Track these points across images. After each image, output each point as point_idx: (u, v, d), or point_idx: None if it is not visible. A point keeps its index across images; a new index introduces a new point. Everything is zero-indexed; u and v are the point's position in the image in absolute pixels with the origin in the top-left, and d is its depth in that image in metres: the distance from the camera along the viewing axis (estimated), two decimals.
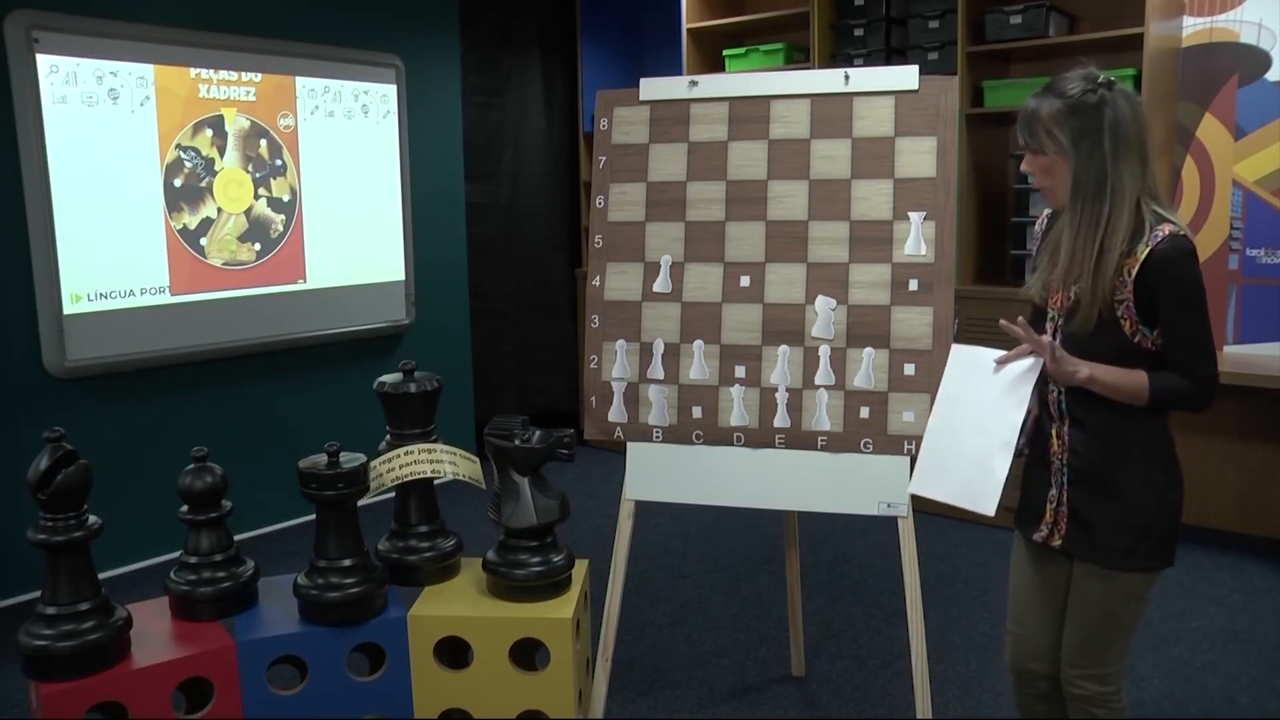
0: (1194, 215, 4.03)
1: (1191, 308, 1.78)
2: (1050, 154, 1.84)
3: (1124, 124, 1.78)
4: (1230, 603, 3.42)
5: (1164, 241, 1.76)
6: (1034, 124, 1.85)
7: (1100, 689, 1.91)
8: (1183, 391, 1.81)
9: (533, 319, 5.44)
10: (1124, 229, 1.78)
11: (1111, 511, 1.87)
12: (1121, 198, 1.78)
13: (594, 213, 2.57)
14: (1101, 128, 1.78)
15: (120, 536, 3.54)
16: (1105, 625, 1.90)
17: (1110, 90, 1.79)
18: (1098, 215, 1.79)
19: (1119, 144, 1.78)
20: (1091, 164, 1.79)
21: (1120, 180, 1.78)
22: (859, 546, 3.96)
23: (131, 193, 3.71)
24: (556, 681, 2.21)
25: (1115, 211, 1.78)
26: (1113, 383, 1.82)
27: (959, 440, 1.95)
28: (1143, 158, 1.80)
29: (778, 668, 3.02)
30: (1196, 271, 1.77)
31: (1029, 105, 1.87)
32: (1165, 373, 1.81)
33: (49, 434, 1.94)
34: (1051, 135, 1.82)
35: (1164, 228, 1.78)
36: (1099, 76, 1.81)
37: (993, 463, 1.86)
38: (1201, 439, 3.92)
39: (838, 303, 2.37)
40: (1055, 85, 1.84)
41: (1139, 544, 1.86)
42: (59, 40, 3.47)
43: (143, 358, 3.79)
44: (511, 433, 2.27)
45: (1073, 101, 1.80)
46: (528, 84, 5.27)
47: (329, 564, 2.17)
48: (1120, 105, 1.79)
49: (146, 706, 1.98)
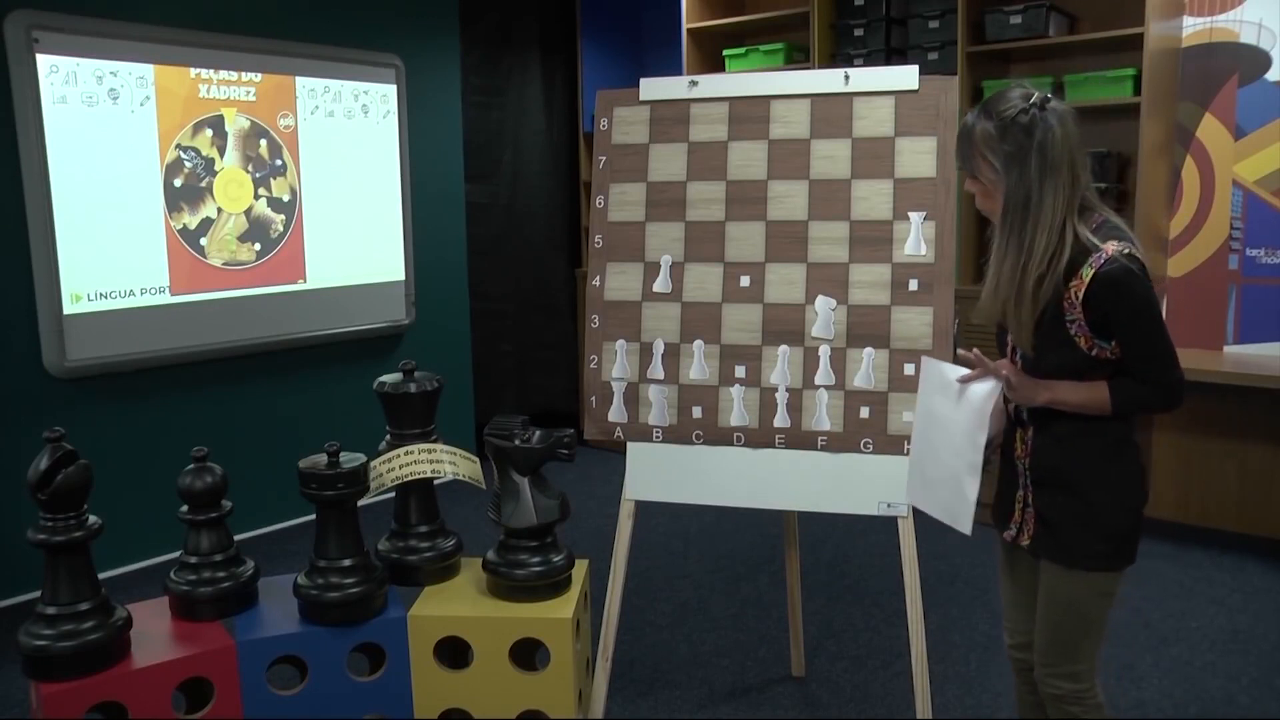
0: (1194, 215, 4.03)
1: (1145, 323, 1.77)
2: (985, 178, 1.84)
3: (1052, 145, 1.76)
4: (1230, 603, 3.42)
5: (1107, 263, 1.74)
6: (969, 147, 1.84)
7: (1073, 686, 1.92)
8: (1147, 397, 1.82)
9: (533, 319, 5.44)
10: (1042, 251, 1.77)
11: (1073, 512, 1.88)
12: (1044, 220, 1.76)
13: (594, 213, 2.57)
14: (1030, 149, 1.76)
15: (120, 536, 3.54)
16: (1072, 623, 1.92)
17: (1043, 110, 1.77)
18: (1021, 238, 1.78)
19: (1045, 165, 1.76)
20: (1020, 186, 1.78)
21: (1043, 202, 1.76)
22: (859, 546, 3.96)
23: (131, 193, 3.71)
24: (556, 681, 2.21)
25: (1036, 235, 1.77)
26: (1076, 401, 1.83)
27: (935, 457, 1.98)
28: (1072, 177, 1.78)
29: (778, 668, 3.02)
30: (1144, 287, 1.75)
31: (965, 125, 1.85)
32: (1127, 381, 1.81)
33: (49, 434, 1.94)
34: (985, 158, 1.81)
35: (1108, 246, 1.76)
36: (1033, 95, 1.79)
37: (964, 485, 1.90)
38: (1201, 439, 3.92)
39: (838, 303, 2.37)
40: (990, 105, 1.82)
41: (1099, 544, 1.88)
42: (59, 40, 3.47)
43: (143, 358, 3.79)
44: (511, 433, 2.27)
45: (1004, 123, 1.78)
46: (528, 84, 5.27)
47: (329, 564, 2.17)
48: (1051, 125, 1.76)
49: (146, 706, 1.98)
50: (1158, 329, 1.78)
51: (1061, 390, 1.83)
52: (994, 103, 1.82)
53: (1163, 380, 1.80)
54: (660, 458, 2.47)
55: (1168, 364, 1.79)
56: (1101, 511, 1.87)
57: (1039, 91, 1.80)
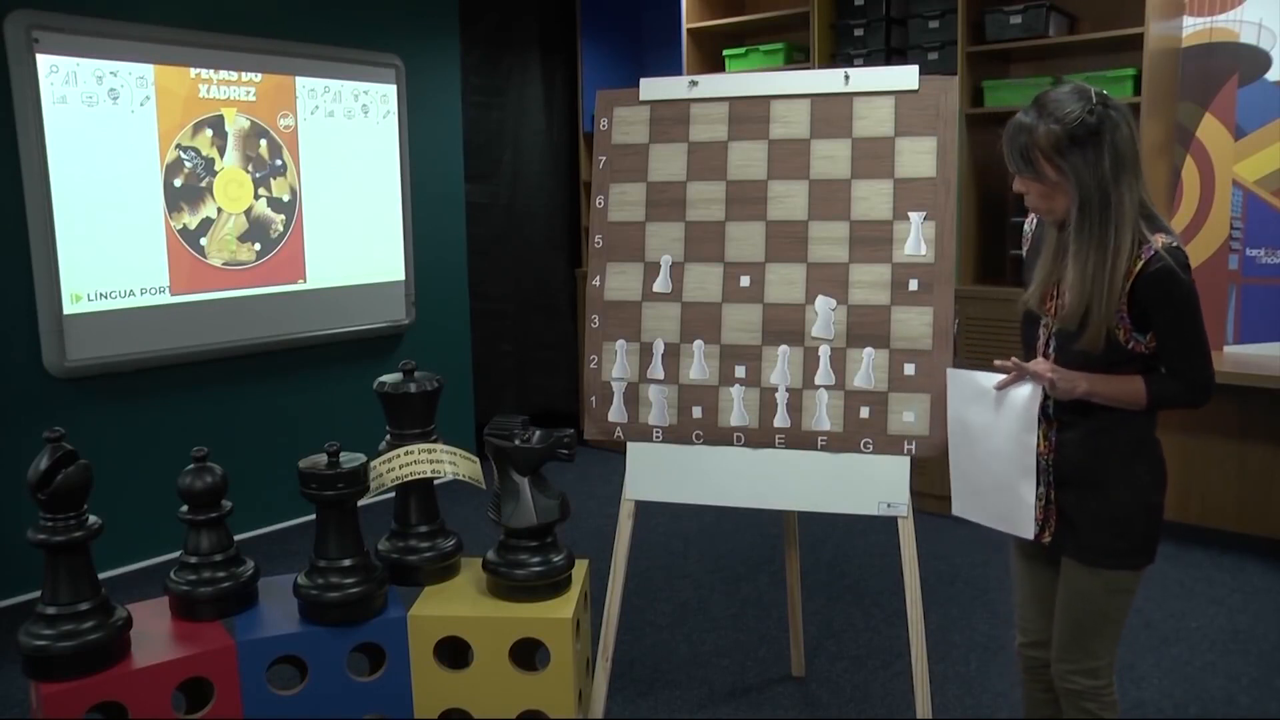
0: (1194, 215, 4.03)
1: (1187, 318, 1.78)
2: (1049, 180, 1.81)
3: (1123, 144, 1.75)
4: (1230, 603, 3.42)
5: (1156, 259, 1.75)
6: (1030, 151, 1.80)
7: (1091, 683, 1.93)
8: (1179, 393, 1.83)
9: (533, 319, 5.44)
10: (1128, 248, 1.77)
11: (1096, 510, 1.88)
12: (1124, 218, 1.76)
13: (594, 213, 2.57)
14: (1103, 149, 1.75)
15: (120, 536, 3.53)
16: (1092, 620, 1.92)
17: (1106, 108, 1.76)
18: (1104, 239, 1.77)
19: (1120, 165, 1.75)
20: (1097, 187, 1.77)
21: (1122, 201, 1.76)
22: (859, 546, 3.96)
23: (131, 193, 3.71)
24: (556, 681, 2.21)
25: (1120, 233, 1.77)
26: (1111, 394, 1.83)
27: (983, 467, 1.97)
28: (1138, 173, 1.78)
29: (778, 668, 3.02)
30: (1189, 284, 1.77)
31: (1022, 128, 1.80)
32: (1161, 376, 1.82)
33: (49, 434, 1.94)
34: (1051, 162, 1.78)
35: (1157, 238, 1.77)
36: (1091, 93, 1.77)
37: (1019, 489, 1.90)
38: (1201, 439, 3.92)
39: (838, 303, 2.37)
40: (1049, 107, 1.78)
41: (1120, 541, 1.88)
42: (59, 40, 3.47)
43: (143, 358, 3.79)
44: (511, 433, 2.27)
45: (1072, 126, 1.75)
46: (528, 84, 5.27)
47: (329, 564, 2.17)
48: (1119, 123, 1.76)
49: (146, 706, 1.98)
50: (1197, 326, 1.79)
51: (1099, 382, 1.83)
52: (1053, 105, 1.77)
53: (1197, 378, 1.81)
54: (660, 458, 2.47)
55: (1203, 361, 1.80)
56: (1124, 510, 1.87)
57: (1093, 88, 1.78)
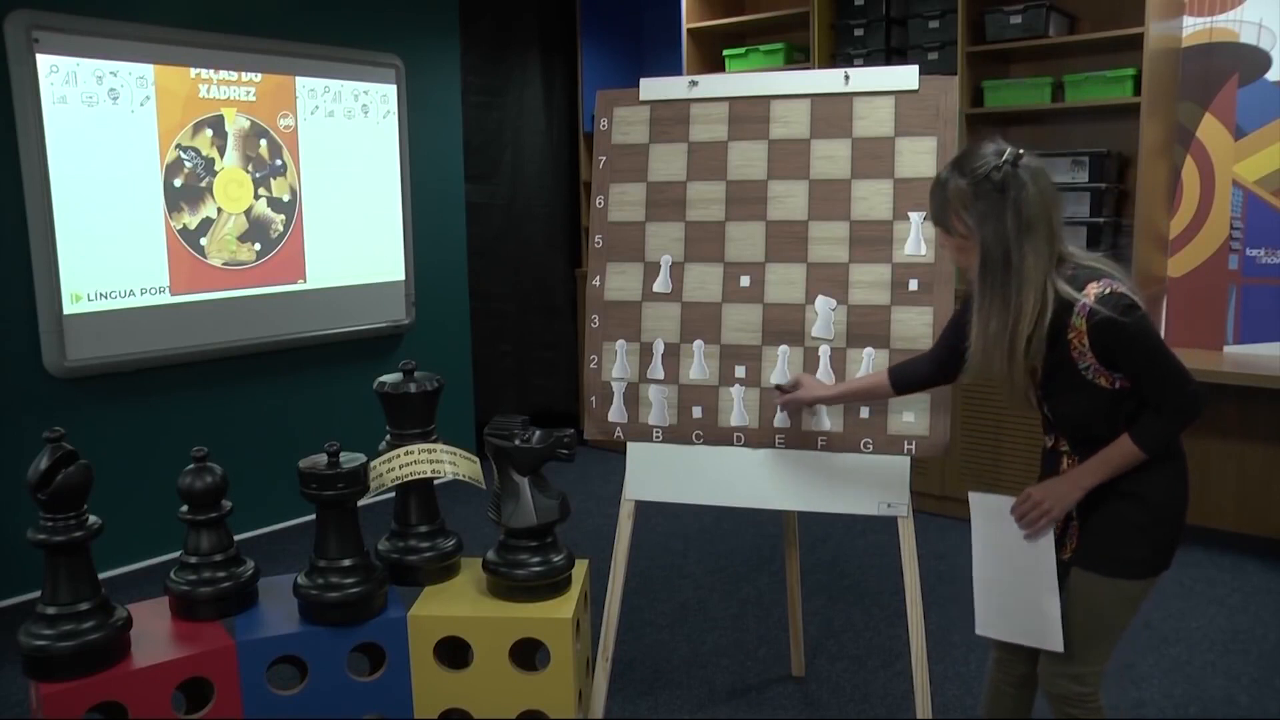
0: (1194, 215, 4.03)
1: (1146, 354, 1.77)
2: (959, 234, 1.82)
3: (1029, 204, 1.74)
4: (1230, 603, 3.42)
5: (1093, 312, 1.73)
6: (942, 204, 1.82)
7: (1079, 689, 1.92)
8: (1169, 424, 1.82)
9: (533, 319, 5.44)
10: (1031, 311, 1.76)
11: (1122, 522, 1.87)
12: (1026, 280, 1.75)
13: (594, 213, 2.57)
14: (1005, 208, 1.74)
15: (120, 536, 3.53)
16: (1094, 626, 1.92)
17: (1016, 166, 1.75)
18: (1005, 299, 1.77)
19: (1022, 224, 1.74)
20: (997, 245, 1.76)
21: (1024, 262, 1.74)
22: (859, 546, 3.96)
23: (131, 193, 3.71)
24: (556, 681, 2.21)
25: (1022, 295, 1.76)
26: (1107, 472, 1.84)
27: (1007, 586, 1.98)
28: (1050, 233, 1.76)
29: (778, 668, 3.02)
30: (1136, 322, 1.74)
31: (938, 182, 1.84)
32: (1144, 420, 1.81)
33: (49, 434, 1.94)
34: (959, 216, 1.80)
35: (1089, 290, 1.75)
36: (1006, 151, 1.77)
37: (1044, 605, 1.92)
38: (1201, 439, 3.92)
39: (838, 303, 2.37)
40: (963, 161, 1.80)
41: (1144, 550, 1.88)
42: (59, 40, 3.47)
43: (143, 358, 3.79)
44: (511, 433, 2.27)
45: (977, 180, 1.76)
46: (528, 84, 5.27)
47: (329, 564, 2.17)
48: (1024, 182, 1.74)
49: (146, 706, 1.98)
50: (1160, 356, 1.77)
51: (1090, 474, 1.85)
52: (966, 159, 1.80)
53: (1178, 401, 1.79)
54: (660, 458, 2.47)
55: (1179, 383, 1.78)
56: (1150, 520, 1.87)
57: (1011, 147, 1.78)
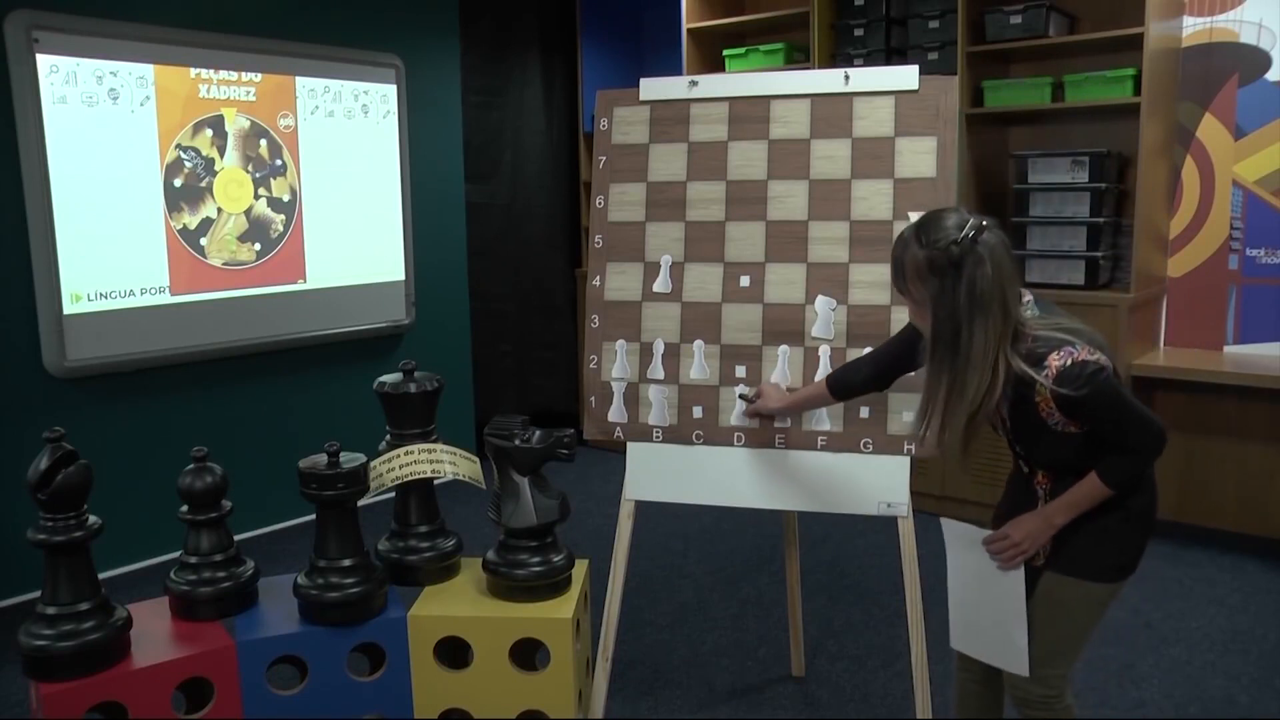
0: (1194, 215, 4.03)
1: (1110, 412, 1.77)
2: (915, 300, 1.83)
3: (981, 281, 1.71)
4: (1230, 603, 3.42)
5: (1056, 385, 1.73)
6: (899, 270, 1.82)
7: (1044, 692, 1.93)
8: (1135, 463, 1.83)
9: (533, 319, 5.44)
10: (975, 388, 1.75)
11: (1093, 528, 1.89)
12: (972, 361, 1.74)
13: (594, 213, 2.57)
14: (958, 285, 1.72)
15: (120, 536, 3.53)
16: (1062, 629, 1.93)
17: (975, 242, 1.72)
18: (953, 376, 1.77)
19: (973, 303, 1.72)
20: (948, 322, 1.75)
21: (971, 341, 1.73)
22: (859, 546, 3.96)
23: (131, 193, 3.71)
24: (556, 681, 2.21)
25: (967, 371, 1.75)
26: (1079, 509, 1.86)
27: (979, 609, 2.03)
28: (1003, 313, 1.74)
29: (778, 668, 3.02)
30: (1103, 384, 1.74)
31: (901, 241, 1.82)
32: (1112, 461, 1.82)
33: (49, 434, 1.94)
34: (914, 283, 1.80)
35: (1051, 363, 1.74)
36: (967, 224, 1.74)
37: (1012, 633, 1.95)
38: (1201, 439, 3.92)
39: (838, 303, 2.37)
40: (924, 229, 1.78)
41: (1115, 556, 1.91)
42: (59, 40, 3.46)
43: (143, 358, 3.79)
44: (511, 433, 2.27)
45: (933, 253, 1.74)
46: (528, 84, 5.26)
47: (329, 564, 2.17)
48: (981, 259, 1.72)
49: (146, 706, 1.98)
50: (1126, 411, 1.78)
51: (1060, 512, 1.87)
52: (927, 228, 1.77)
53: (1146, 443, 1.81)
54: (660, 458, 2.47)
55: (1144, 428, 1.80)
56: (1120, 524, 1.88)
57: (974, 219, 1.75)
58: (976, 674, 2.13)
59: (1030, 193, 4.03)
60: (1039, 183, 4.00)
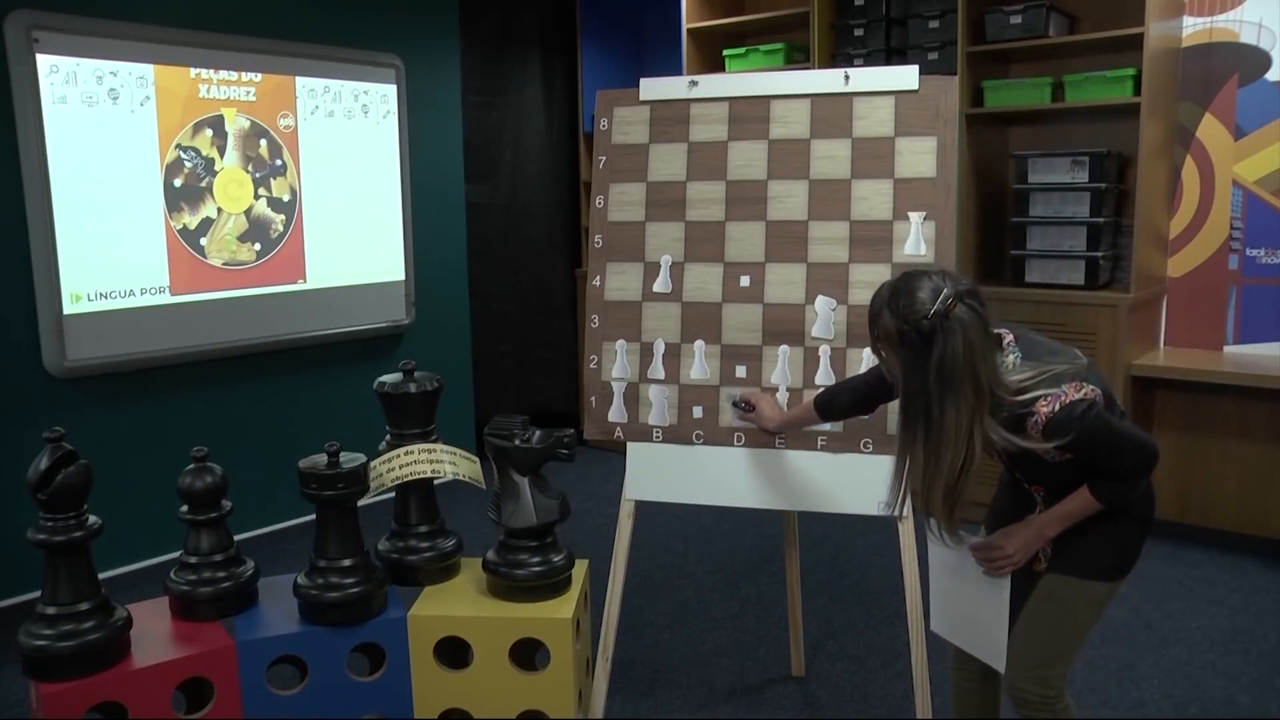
0: (1194, 215, 4.03)
1: (1109, 442, 1.77)
2: (886, 362, 1.82)
3: (951, 358, 1.66)
4: (1230, 603, 3.42)
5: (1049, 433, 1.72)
6: (873, 328, 1.80)
7: (1043, 692, 1.93)
8: (1128, 481, 1.84)
9: (533, 319, 5.44)
10: (950, 462, 1.71)
11: (1092, 530, 1.89)
12: (946, 433, 1.70)
13: (594, 213, 2.57)
14: (928, 360, 1.68)
15: (120, 536, 3.53)
16: (1061, 629, 1.93)
17: (949, 317, 1.66)
18: (926, 449, 1.74)
19: (945, 380, 1.67)
20: (918, 395, 1.72)
21: (944, 415, 1.69)
22: (859, 546, 3.96)
23: (131, 193, 3.71)
24: (556, 681, 2.21)
25: (940, 446, 1.71)
26: (1071, 522, 1.87)
27: (961, 601, 2.03)
28: (975, 386, 1.68)
29: (778, 668, 3.02)
30: (1094, 420, 1.72)
31: (878, 299, 1.78)
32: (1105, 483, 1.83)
33: (49, 434, 1.94)
34: (885, 348, 1.78)
35: (1040, 411, 1.72)
36: (942, 293, 1.68)
37: (992, 629, 1.96)
38: (1201, 439, 3.92)
39: (838, 303, 2.37)
40: (899, 295, 1.72)
41: (1114, 556, 1.91)
42: (59, 40, 3.46)
43: (143, 358, 3.79)
44: (511, 433, 2.27)
45: (907, 324, 1.69)
46: (528, 84, 5.26)
47: (329, 564, 2.17)
48: (953, 334, 1.66)
49: (146, 706, 1.98)
50: (1118, 440, 1.78)
51: (1053, 524, 1.87)
52: (901, 296, 1.72)
53: (1137, 467, 1.82)
54: (660, 458, 2.47)
55: (1135, 453, 1.81)
56: (1120, 526, 1.89)
57: (949, 287, 1.69)
58: (972, 673, 2.13)
59: (1030, 193, 4.03)
60: (1039, 183, 4.00)
